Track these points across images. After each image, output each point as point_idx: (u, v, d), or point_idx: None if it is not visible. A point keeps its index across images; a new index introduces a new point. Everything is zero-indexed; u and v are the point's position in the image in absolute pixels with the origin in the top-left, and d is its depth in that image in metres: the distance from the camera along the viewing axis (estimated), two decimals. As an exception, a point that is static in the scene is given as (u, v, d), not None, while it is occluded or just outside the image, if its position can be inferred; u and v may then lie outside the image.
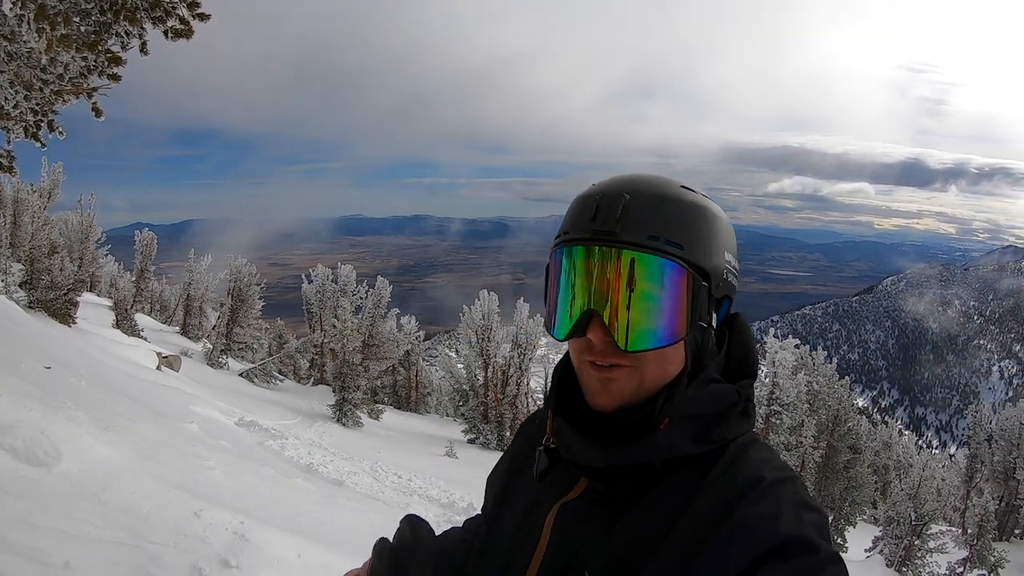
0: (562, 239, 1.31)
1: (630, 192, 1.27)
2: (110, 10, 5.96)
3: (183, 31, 6.46)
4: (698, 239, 1.26)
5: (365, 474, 16.03)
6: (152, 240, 38.20)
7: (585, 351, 1.28)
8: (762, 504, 1.14)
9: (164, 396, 14.48)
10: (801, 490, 1.20)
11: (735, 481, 1.20)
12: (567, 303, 1.29)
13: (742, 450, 1.27)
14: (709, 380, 1.30)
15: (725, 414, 1.29)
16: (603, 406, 1.28)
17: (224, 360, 32.25)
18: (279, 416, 23.22)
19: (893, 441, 41.04)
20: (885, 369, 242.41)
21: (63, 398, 7.38)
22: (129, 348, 21.82)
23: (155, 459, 6.95)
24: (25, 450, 5.55)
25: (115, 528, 4.97)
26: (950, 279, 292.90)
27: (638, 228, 1.23)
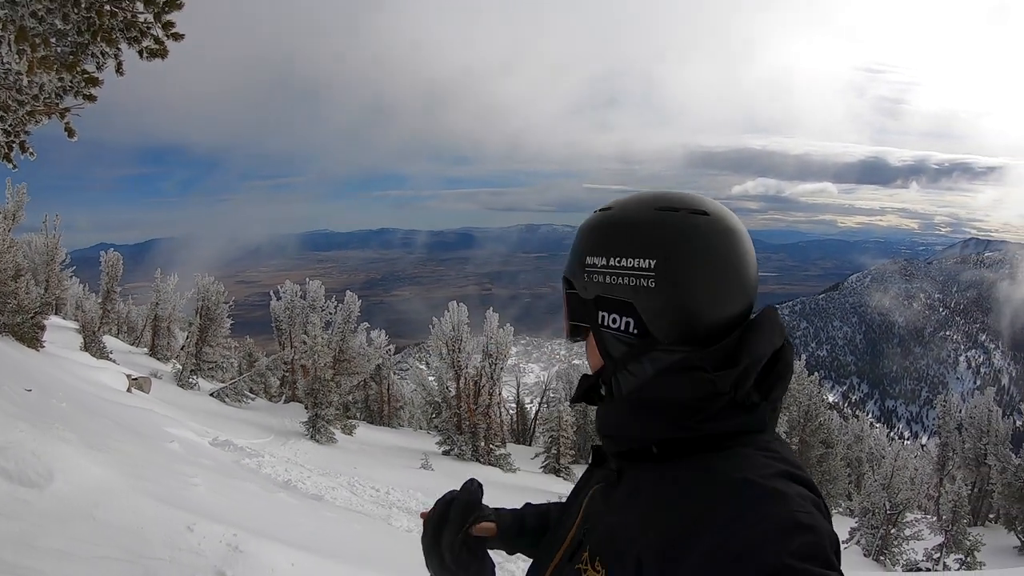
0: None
1: (583, 226, 1.53)
2: (87, 31, 5.98)
3: (158, 51, 6.49)
4: (570, 253, 1.51)
5: (343, 489, 15.97)
6: (118, 260, 37.54)
7: None
8: (739, 527, 1.08)
9: (138, 417, 14.32)
10: (794, 504, 1.11)
11: (719, 482, 1.18)
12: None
13: (741, 448, 1.25)
14: (691, 367, 1.29)
15: (706, 402, 1.26)
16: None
17: (194, 380, 31.84)
18: (252, 435, 23.03)
19: (864, 434, 41.67)
20: (854, 364, 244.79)
21: (50, 420, 7.34)
22: (98, 371, 21.55)
23: (144, 477, 6.93)
24: (18, 471, 5.54)
25: (111, 545, 4.99)
26: (914, 273, 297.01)
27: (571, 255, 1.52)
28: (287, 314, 38.70)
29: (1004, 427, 35.03)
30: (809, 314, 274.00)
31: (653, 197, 1.41)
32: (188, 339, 34.46)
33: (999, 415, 35.62)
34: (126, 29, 6.33)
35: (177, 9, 6.50)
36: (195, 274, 37.18)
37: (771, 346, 1.36)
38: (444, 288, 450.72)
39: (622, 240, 1.39)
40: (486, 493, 1.80)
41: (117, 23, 6.17)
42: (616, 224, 1.41)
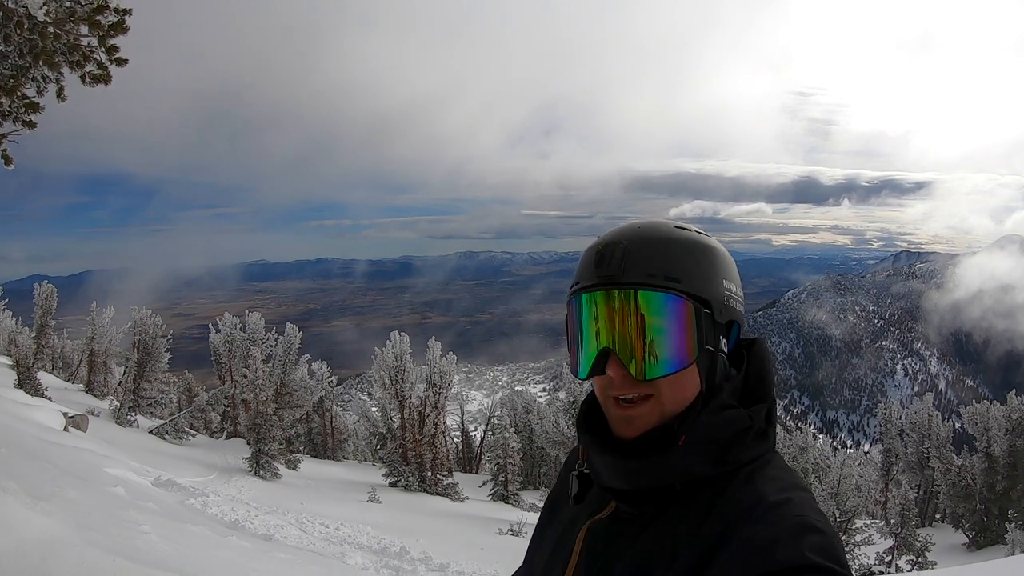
0: (574, 289, 1.47)
1: (627, 239, 1.43)
2: (29, 54, 5.68)
3: (101, 76, 6.24)
4: (694, 271, 1.41)
5: (292, 526, 15.58)
6: (52, 293, 36.41)
7: (608, 387, 1.40)
8: (761, 527, 1.22)
9: (78, 458, 13.77)
10: (806, 510, 1.26)
11: (740, 503, 1.29)
12: (584, 345, 1.43)
13: (754, 471, 1.37)
14: (723, 407, 1.40)
15: (741, 437, 1.38)
16: (627, 436, 1.40)
17: (133, 417, 30.98)
18: (195, 472, 22.52)
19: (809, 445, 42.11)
20: (794, 378, 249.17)
21: (-11, 468, 6.90)
22: (34, 409, 20.74)
23: (92, 527, 6.53)
24: (-46, 527, 5.12)
25: (62, 604, 4.62)
26: (848, 287, 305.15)
27: (638, 269, 1.38)
28: (227, 347, 38.14)
29: (944, 430, 36.12)
30: (748, 332, 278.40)
31: (687, 226, 1.51)
32: (125, 374, 33.77)
33: (939, 419, 36.75)
34: (69, 53, 6.08)
35: (122, 33, 6.27)
36: (131, 307, 36.39)
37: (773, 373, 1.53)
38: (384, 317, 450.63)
39: (728, 266, 1.52)
40: (435, 523, 1.80)
41: (60, 46, 5.89)
42: (720, 252, 1.50)
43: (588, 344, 1.42)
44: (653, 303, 1.37)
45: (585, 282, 1.44)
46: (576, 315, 1.46)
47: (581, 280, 1.45)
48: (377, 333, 39.75)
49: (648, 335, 1.36)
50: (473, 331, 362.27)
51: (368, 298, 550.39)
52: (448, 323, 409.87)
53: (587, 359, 1.42)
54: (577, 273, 1.48)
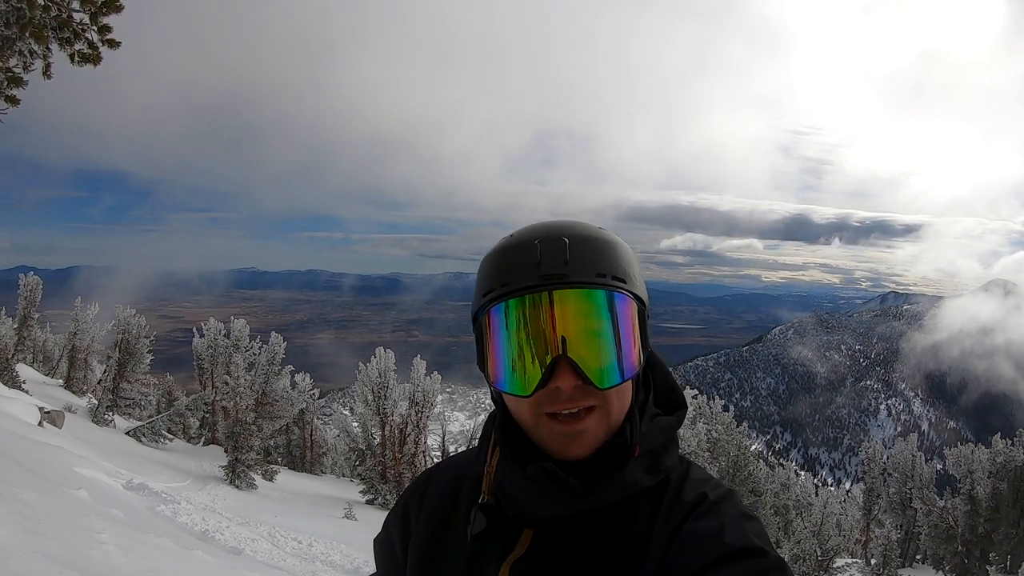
0: (499, 292, 1.30)
1: (567, 235, 1.30)
2: (16, 24, 5.42)
3: (91, 56, 6.01)
4: (631, 273, 1.32)
5: (264, 540, 15.31)
6: (37, 285, 36.31)
7: (545, 403, 1.26)
8: (708, 520, 1.26)
9: (47, 456, 13.44)
10: (739, 502, 1.33)
11: (684, 501, 1.31)
12: (525, 356, 1.26)
13: (684, 475, 1.38)
14: (654, 414, 1.39)
15: (669, 444, 1.38)
16: (578, 455, 1.28)
17: (110, 417, 30.63)
18: (169, 478, 22.06)
19: (791, 482, 42.23)
20: (777, 414, 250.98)
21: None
22: (9, 401, 20.39)
23: (43, 533, 6.20)
24: None
25: (-1, 620, 4.32)
26: (835, 325, 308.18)
27: (585, 267, 1.27)
28: (210, 353, 38.11)
29: (927, 471, 36.04)
30: (733, 365, 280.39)
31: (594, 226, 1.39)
32: (106, 373, 33.61)
33: (922, 460, 36.87)
34: (59, 28, 5.82)
35: (116, 11, 6.05)
36: (116, 305, 36.03)
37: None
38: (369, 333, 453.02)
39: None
40: None
41: (49, 19, 5.63)
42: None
43: (530, 354, 1.26)
44: (607, 304, 1.27)
45: (519, 283, 1.27)
46: (505, 322, 1.29)
47: (510, 282, 1.28)
48: (362, 348, 39.55)
49: (603, 339, 1.26)
50: (457, 351, 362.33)
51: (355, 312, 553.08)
52: (432, 342, 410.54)
53: (532, 371, 1.25)
54: (499, 275, 1.31)
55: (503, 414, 1.40)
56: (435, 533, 1.50)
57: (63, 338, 40.37)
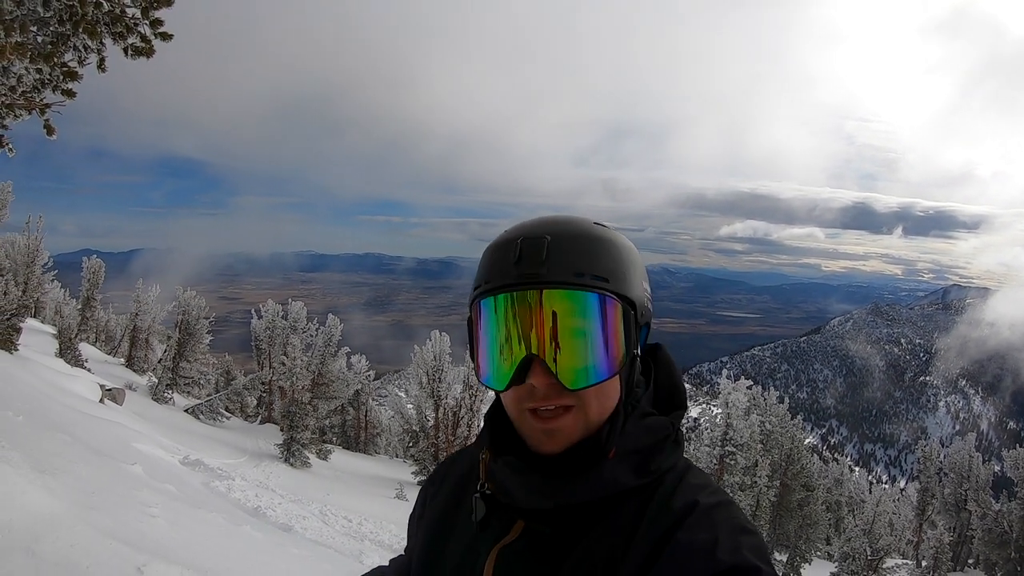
0: (484, 288, 1.31)
1: (550, 233, 1.28)
2: (70, 20, 5.64)
3: (144, 49, 6.17)
4: (619, 271, 1.29)
5: (314, 518, 15.55)
6: (100, 267, 37.21)
7: (525, 399, 1.27)
8: (700, 531, 1.19)
9: (106, 432, 13.82)
10: (737, 513, 1.25)
11: (673, 508, 1.25)
12: (502, 352, 1.28)
13: (679, 478, 1.32)
14: (644, 414, 1.35)
15: (661, 445, 1.33)
16: (551, 451, 1.28)
17: (169, 395, 31.25)
18: (225, 455, 22.55)
19: (844, 478, 41.47)
20: (834, 407, 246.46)
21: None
22: (71, 379, 20.96)
23: (95, 506, 6.43)
24: (-50, 495, 5.05)
25: (49, 587, 4.51)
26: (895, 318, 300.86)
27: (563, 267, 1.25)
28: (267, 334, 38.40)
29: (984, 473, 34.91)
30: (790, 356, 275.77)
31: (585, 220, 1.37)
32: (166, 352, 34.10)
33: (979, 461, 35.56)
34: (112, 23, 6.03)
35: (166, 6, 6.24)
36: (177, 287, 36.72)
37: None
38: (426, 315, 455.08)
39: (644, 269, 1.39)
40: None
41: (102, 15, 5.83)
42: (636, 251, 1.39)
43: (506, 351, 1.27)
44: (582, 304, 1.25)
45: (499, 281, 1.28)
46: (488, 318, 1.30)
47: (493, 279, 1.30)
48: (418, 331, 39.82)
49: (577, 339, 1.24)
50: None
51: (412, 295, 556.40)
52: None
53: (507, 368, 1.27)
54: (485, 271, 1.33)
55: (496, 405, 1.43)
56: (445, 517, 1.53)
57: (125, 318, 41.31)
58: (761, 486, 28.79)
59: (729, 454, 28.86)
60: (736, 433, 28.95)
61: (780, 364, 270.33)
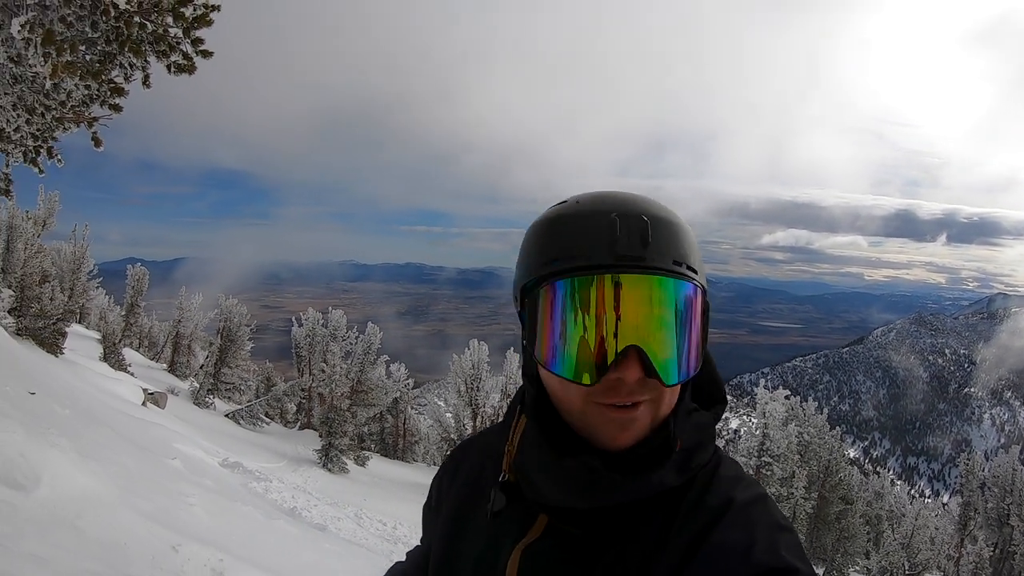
0: (566, 265, 1.16)
1: (646, 214, 1.17)
2: (116, 40, 5.99)
3: (186, 66, 6.49)
4: (698, 259, 1.21)
5: (349, 520, 15.84)
6: (144, 275, 38.08)
7: (604, 392, 1.14)
8: (736, 530, 1.12)
9: (148, 432, 14.24)
10: (773, 508, 1.19)
11: (709, 505, 1.17)
12: (590, 340, 1.13)
13: (712, 473, 1.24)
14: (690, 410, 1.26)
15: (704, 442, 1.25)
16: (626, 444, 1.17)
17: (210, 400, 31.94)
18: (264, 459, 22.93)
19: (885, 491, 40.81)
20: (876, 419, 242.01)
21: (46, 425, 7.26)
22: (115, 382, 21.59)
23: (136, 492, 6.82)
24: (4, 472, 5.45)
25: (91, 558, 4.86)
26: (940, 328, 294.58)
27: (665, 253, 1.15)
28: (308, 341, 38.86)
29: (1029, 487, 34.00)
30: (832, 367, 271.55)
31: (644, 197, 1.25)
32: (208, 358, 34.73)
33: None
34: (155, 42, 6.34)
35: (206, 26, 6.52)
36: (219, 295, 37.36)
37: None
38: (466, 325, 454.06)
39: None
40: None
41: (146, 35, 6.18)
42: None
43: (595, 339, 1.13)
44: (683, 295, 1.16)
45: (592, 260, 1.14)
46: (569, 302, 1.15)
47: (580, 256, 1.16)
48: (458, 340, 39.62)
49: (675, 332, 1.15)
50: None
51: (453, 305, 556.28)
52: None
53: (596, 359, 1.13)
54: (565, 246, 1.18)
55: (538, 394, 1.29)
56: (462, 507, 1.46)
57: (168, 325, 41.95)
58: (798, 497, 28.55)
59: (765, 464, 28.68)
60: (773, 443, 28.74)
61: (822, 375, 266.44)
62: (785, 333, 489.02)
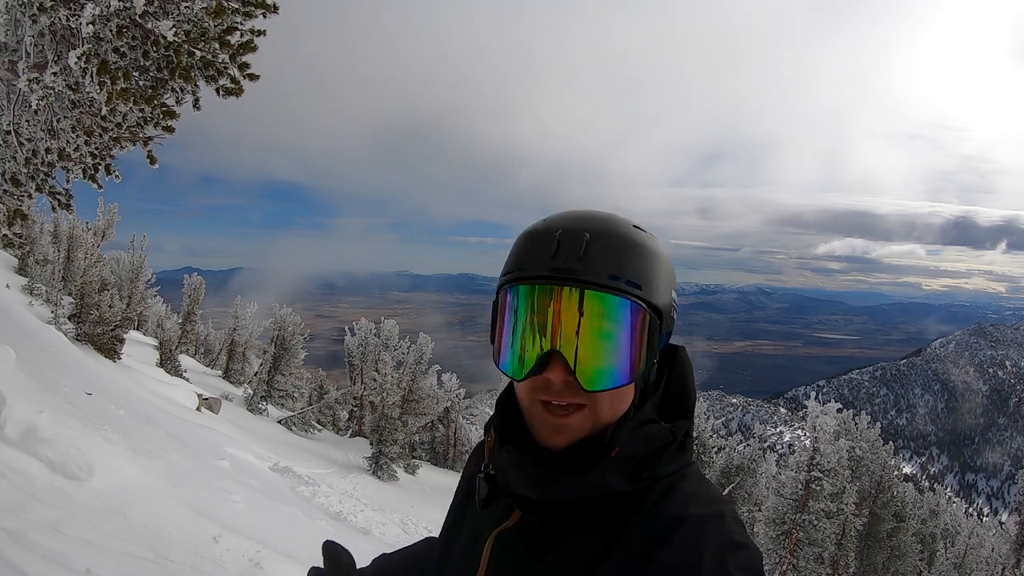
0: (515, 275, 1.30)
1: (590, 231, 1.26)
2: (166, 68, 6.38)
3: (233, 89, 6.86)
4: (652, 279, 1.27)
5: (394, 525, 15.94)
6: (201, 284, 38.93)
7: (540, 390, 1.26)
8: (683, 548, 1.14)
9: (198, 434, 14.63)
10: (729, 525, 1.20)
11: (659, 520, 1.20)
12: (524, 342, 1.27)
13: (669, 487, 1.27)
14: (644, 421, 1.31)
15: (659, 453, 1.29)
16: (556, 446, 1.28)
17: (264, 406, 32.52)
18: (314, 465, 23.22)
19: (941, 509, 39.73)
20: (934, 434, 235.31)
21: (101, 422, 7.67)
22: (170, 387, 22.05)
23: (182, 486, 7.22)
24: (60, 463, 5.88)
25: (137, 544, 5.25)
26: (1000, 339, 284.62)
27: (599, 267, 1.23)
28: (360, 350, 39.14)
29: (1091, 506, 32.81)
30: (889, 380, 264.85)
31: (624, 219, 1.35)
32: (262, 366, 35.24)
33: (1085, 493, 33.47)
34: (204, 68, 6.72)
35: (252, 52, 6.89)
36: (274, 304, 37.98)
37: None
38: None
39: (675, 277, 1.37)
40: None
41: (195, 62, 6.57)
42: (668, 258, 1.36)
43: (528, 341, 1.27)
44: (612, 309, 1.23)
45: (532, 271, 1.27)
46: (514, 306, 1.29)
47: (525, 268, 1.28)
48: None
49: (601, 342, 1.23)
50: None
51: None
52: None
53: (527, 358, 1.27)
54: (517, 258, 1.31)
55: (507, 391, 1.44)
56: (463, 498, 1.59)
57: (223, 333, 42.76)
58: (847, 514, 28.08)
59: (815, 479, 28.25)
60: (823, 458, 28.29)
61: (879, 388, 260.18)
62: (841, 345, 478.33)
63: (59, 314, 23.66)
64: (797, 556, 25.29)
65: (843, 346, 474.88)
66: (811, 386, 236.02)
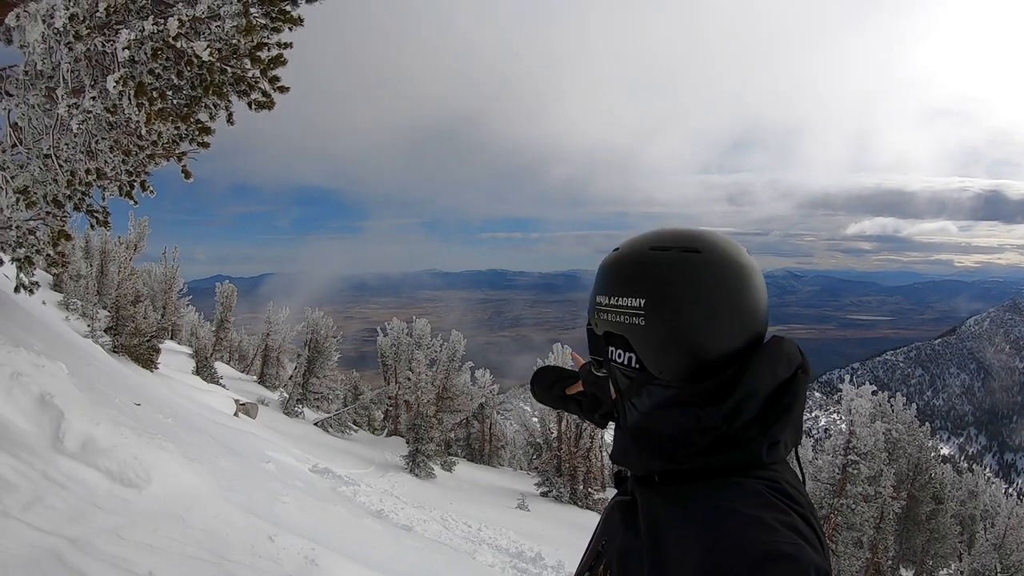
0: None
1: (604, 265, 1.53)
2: (200, 86, 6.57)
3: (265, 103, 7.04)
4: (628, 291, 1.45)
5: (435, 522, 15.98)
6: (232, 292, 39.52)
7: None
8: (721, 554, 1.09)
9: (241, 439, 14.96)
10: (778, 535, 1.11)
11: (709, 511, 1.19)
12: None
13: (732, 481, 1.25)
14: (678, 402, 1.35)
15: (689, 436, 1.30)
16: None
17: (300, 409, 32.82)
18: (352, 465, 23.43)
19: (980, 489, 39.27)
20: (971, 414, 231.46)
21: (154, 431, 7.92)
22: (208, 394, 22.43)
23: (235, 489, 7.47)
24: (119, 472, 6.11)
25: (196, 546, 5.47)
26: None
27: (591, 309, 1.54)
28: (393, 350, 39.38)
29: None
30: (924, 360, 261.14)
31: (653, 236, 1.45)
32: (296, 369, 35.67)
33: None
34: (235, 83, 6.91)
35: (281, 66, 7.03)
36: (306, 308, 38.49)
37: (774, 379, 1.32)
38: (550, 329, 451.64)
39: (620, 280, 1.46)
40: (580, 536, 1.85)
41: (227, 78, 6.76)
42: (618, 264, 1.48)
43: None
44: (591, 337, 1.57)
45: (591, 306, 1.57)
46: None
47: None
48: (542, 345, 39.26)
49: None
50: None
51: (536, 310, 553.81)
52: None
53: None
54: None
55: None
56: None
57: (257, 338, 43.24)
58: (885, 497, 27.89)
59: (852, 463, 28.08)
60: (859, 441, 28.10)
61: (914, 369, 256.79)
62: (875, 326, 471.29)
63: (95, 327, 24.10)
64: (836, 541, 25.17)
65: (877, 327, 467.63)
66: (845, 369, 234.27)
